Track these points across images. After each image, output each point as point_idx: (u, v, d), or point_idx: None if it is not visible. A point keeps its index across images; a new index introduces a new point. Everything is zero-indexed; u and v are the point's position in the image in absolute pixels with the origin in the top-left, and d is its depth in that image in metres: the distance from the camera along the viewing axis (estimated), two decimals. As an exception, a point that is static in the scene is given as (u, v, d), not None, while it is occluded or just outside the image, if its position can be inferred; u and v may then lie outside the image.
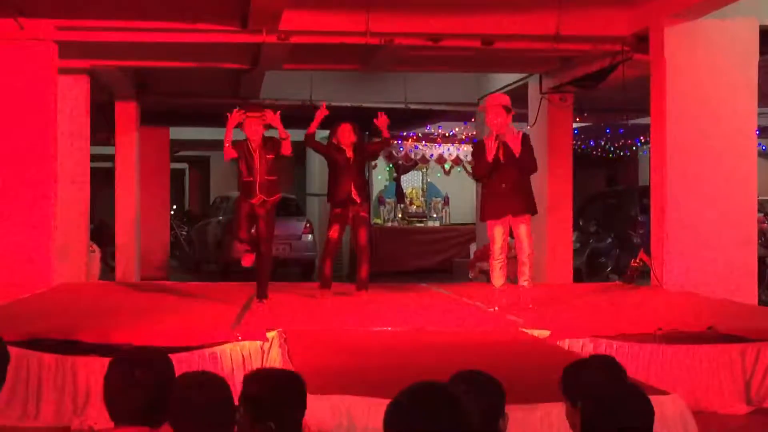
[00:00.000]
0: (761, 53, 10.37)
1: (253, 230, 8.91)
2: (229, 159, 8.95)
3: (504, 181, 8.39)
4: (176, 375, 3.45)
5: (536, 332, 7.25)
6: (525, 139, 8.51)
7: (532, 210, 8.55)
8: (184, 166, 33.29)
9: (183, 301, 9.21)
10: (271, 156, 8.81)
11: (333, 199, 9.43)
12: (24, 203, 10.25)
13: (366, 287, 9.62)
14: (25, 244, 10.18)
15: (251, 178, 8.84)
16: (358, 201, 9.36)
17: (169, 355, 3.67)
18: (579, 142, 21.59)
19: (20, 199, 10.24)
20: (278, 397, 3.35)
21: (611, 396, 3.23)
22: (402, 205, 22.92)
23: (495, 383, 3.48)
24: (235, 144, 8.79)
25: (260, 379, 3.46)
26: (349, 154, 9.36)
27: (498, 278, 8.54)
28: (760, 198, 11.29)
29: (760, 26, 10.33)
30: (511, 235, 8.64)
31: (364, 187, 9.58)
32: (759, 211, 11.37)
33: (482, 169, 8.57)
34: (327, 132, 9.69)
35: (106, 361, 3.49)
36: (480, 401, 3.27)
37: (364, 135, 10.67)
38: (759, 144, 11.81)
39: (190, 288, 10.75)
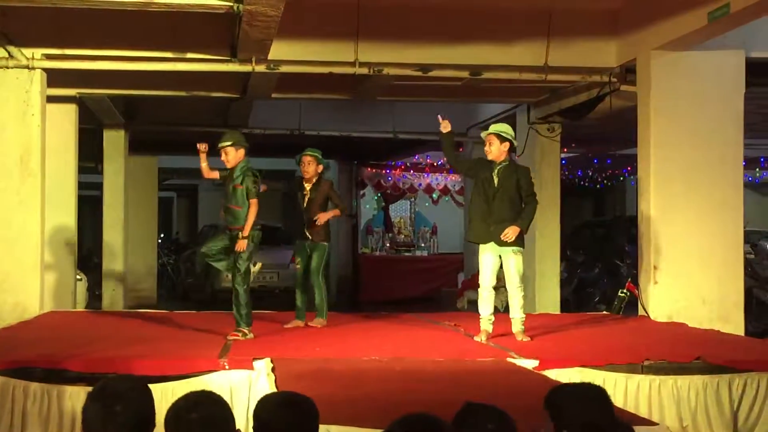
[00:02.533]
0: (748, 85, 10.43)
1: None
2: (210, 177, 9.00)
3: (495, 209, 8.40)
4: (158, 404, 3.40)
5: (524, 362, 7.25)
6: (525, 171, 8.59)
7: (519, 243, 8.46)
8: (172, 194, 33.24)
9: (170, 330, 9.17)
10: (238, 186, 8.56)
11: (295, 232, 9.80)
12: (11, 230, 10.20)
13: (323, 315, 9.66)
14: (11, 272, 10.14)
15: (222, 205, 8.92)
16: (310, 238, 9.55)
17: (156, 384, 3.62)
18: (567, 172, 21.67)
19: (7, 226, 10.20)
20: (291, 421, 3.29)
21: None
22: (390, 235, 22.92)
23: (506, 417, 3.45)
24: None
25: (273, 403, 3.40)
26: (306, 191, 9.59)
27: (485, 307, 8.53)
28: (746, 229, 11.31)
29: (747, 58, 10.40)
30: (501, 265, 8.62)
31: (320, 225, 9.60)
32: (746, 242, 11.38)
33: (456, 162, 9.35)
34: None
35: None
36: None
37: (352, 164, 10.71)
38: (745, 175, 11.86)
39: (177, 317, 10.69)
